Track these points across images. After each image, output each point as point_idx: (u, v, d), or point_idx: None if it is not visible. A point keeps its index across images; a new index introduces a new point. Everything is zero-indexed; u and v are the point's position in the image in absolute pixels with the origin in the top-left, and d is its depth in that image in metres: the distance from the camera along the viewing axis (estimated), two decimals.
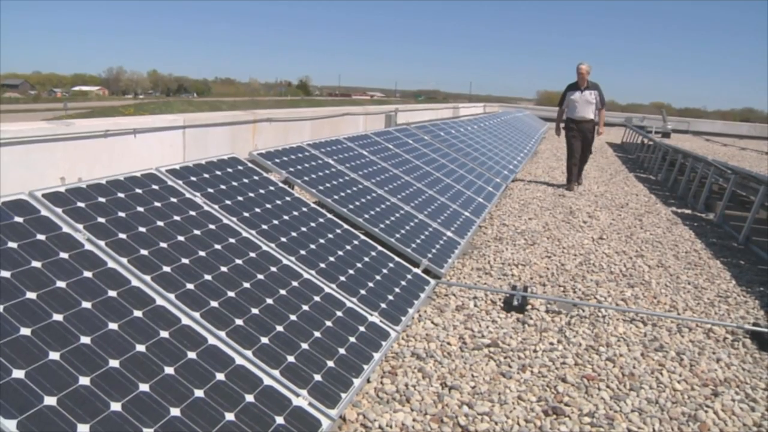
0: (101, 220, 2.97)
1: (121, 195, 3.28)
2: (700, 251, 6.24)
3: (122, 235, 2.95)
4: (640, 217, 7.85)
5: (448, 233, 5.41)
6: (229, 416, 2.27)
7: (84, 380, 2.07)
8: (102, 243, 2.81)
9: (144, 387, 2.18)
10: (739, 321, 4.28)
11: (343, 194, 4.98)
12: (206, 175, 4.04)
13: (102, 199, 3.14)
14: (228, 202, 3.85)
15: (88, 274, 2.57)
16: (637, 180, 11.69)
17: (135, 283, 2.68)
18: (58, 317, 2.27)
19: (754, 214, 6.93)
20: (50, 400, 1.94)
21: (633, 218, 7.77)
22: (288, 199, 4.34)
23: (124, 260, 2.78)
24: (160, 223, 3.22)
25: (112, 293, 2.54)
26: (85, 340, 2.23)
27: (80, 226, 2.83)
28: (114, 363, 2.20)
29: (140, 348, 2.34)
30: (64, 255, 2.60)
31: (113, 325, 2.37)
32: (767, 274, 5.58)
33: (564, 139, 10.34)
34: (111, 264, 2.71)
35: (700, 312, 4.44)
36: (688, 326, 4.13)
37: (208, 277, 3.00)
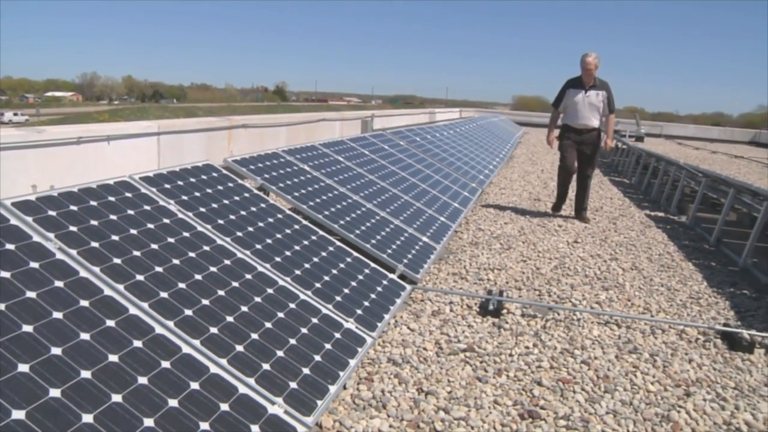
0: (73, 228, 2.94)
1: (93, 203, 3.24)
2: (672, 253, 6.32)
3: (95, 244, 2.92)
4: (615, 221, 7.94)
5: (424, 238, 5.43)
6: (204, 426, 2.25)
7: (54, 392, 2.04)
8: (74, 252, 2.78)
9: (117, 398, 2.15)
10: (710, 322, 4.35)
11: (318, 200, 4.98)
12: (180, 183, 4.01)
13: (74, 208, 3.10)
14: (202, 209, 3.82)
15: (59, 283, 2.54)
16: (612, 183, 11.82)
17: (108, 292, 2.66)
18: (27, 328, 2.23)
19: (724, 217, 7.04)
20: (18, 414, 1.91)
21: (607, 221, 7.85)
22: (263, 205, 4.33)
23: (97, 269, 2.75)
24: (134, 231, 3.19)
25: (84, 303, 2.51)
26: (56, 351, 2.20)
27: (51, 235, 2.80)
28: (86, 374, 2.18)
29: (113, 358, 2.32)
30: (34, 264, 2.57)
31: (85, 336, 2.34)
32: (737, 275, 5.68)
33: (555, 151, 8.81)
34: (83, 273, 2.68)
35: (673, 314, 4.50)
36: (662, 328, 4.18)
37: (182, 285, 2.98)
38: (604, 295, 4.81)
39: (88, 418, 2.02)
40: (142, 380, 2.29)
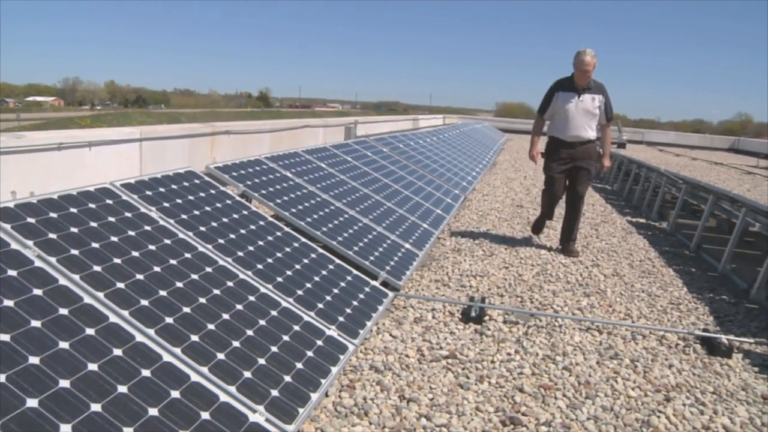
0: (52, 235, 2.92)
1: (73, 210, 3.22)
2: (653, 259, 6.38)
3: (74, 251, 2.90)
4: (596, 227, 8.01)
5: (407, 245, 5.44)
6: None
7: (32, 402, 2.02)
8: (53, 260, 2.75)
9: (96, 407, 2.14)
10: (690, 327, 4.39)
11: (301, 207, 4.97)
12: (162, 189, 3.99)
13: (53, 215, 3.08)
14: (184, 216, 3.81)
15: (38, 291, 2.51)
16: (594, 190, 11.91)
17: (87, 300, 2.64)
18: (4, 338, 2.21)
19: (704, 223, 7.12)
20: None
21: (589, 228, 7.91)
22: (245, 212, 4.32)
23: (76, 277, 2.73)
24: (114, 239, 3.17)
25: (63, 311, 2.49)
26: (34, 360, 2.18)
27: (30, 243, 2.77)
28: (64, 383, 2.16)
29: (92, 367, 2.30)
30: (12, 272, 2.54)
31: (64, 344, 2.32)
32: (716, 281, 5.74)
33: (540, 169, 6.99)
34: (62, 281, 2.66)
35: (653, 319, 4.54)
36: (642, 334, 4.22)
37: (163, 293, 2.97)
38: (585, 301, 4.84)
39: (66, 428, 2.00)
40: (122, 389, 2.28)
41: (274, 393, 2.70)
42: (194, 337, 2.77)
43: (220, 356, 2.75)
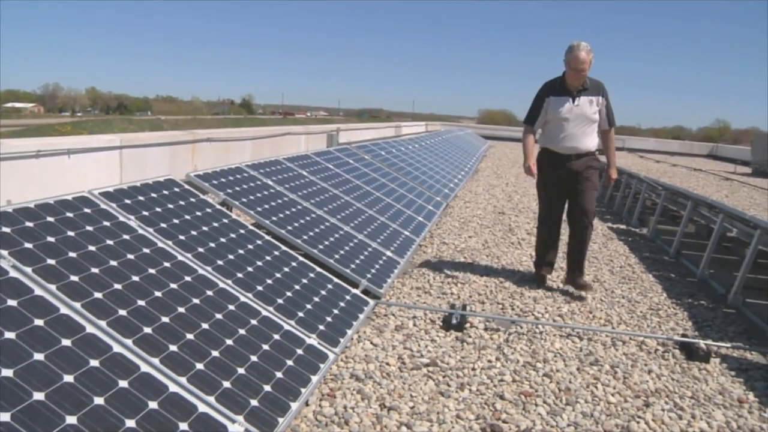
0: (28, 245, 2.88)
1: (50, 219, 3.19)
2: (633, 266, 6.43)
3: (51, 261, 2.87)
4: None
5: (388, 253, 5.44)
6: None
7: (4, 416, 1.99)
8: (28, 270, 2.72)
9: (71, 419, 2.11)
10: (669, 333, 4.43)
11: (281, 215, 4.96)
12: (141, 198, 3.96)
13: (29, 224, 3.04)
14: (163, 225, 3.78)
15: (12, 302, 2.48)
16: None
17: (64, 310, 2.61)
18: None
19: (683, 229, 7.19)
20: None
21: None
22: (225, 221, 4.30)
23: (53, 287, 2.70)
24: (92, 248, 3.14)
25: (39, 322, 2.46)
26: (7, 372, 2.15)
27: (5, 252, 2.74)
28: (39, 395, 2.13)
29: (68, 378, 2.27)
30: None
31: (39, 356, 2.30)
32: (695, 286, 5.80)
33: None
34: (38, 291, 2.63)
35: (633, 325, 4.58)
36: (622, 339, 4.25)
37: (141, 302, 2.94)
38: (566, 307, 4.87)
39: None
40: (99, 401, 2.25)
41: (254, 403, 2.69)
42: (173, 347, 2.75)
43: (199, 366, 2.73)
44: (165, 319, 2.91)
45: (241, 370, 2.85)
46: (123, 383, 2.40)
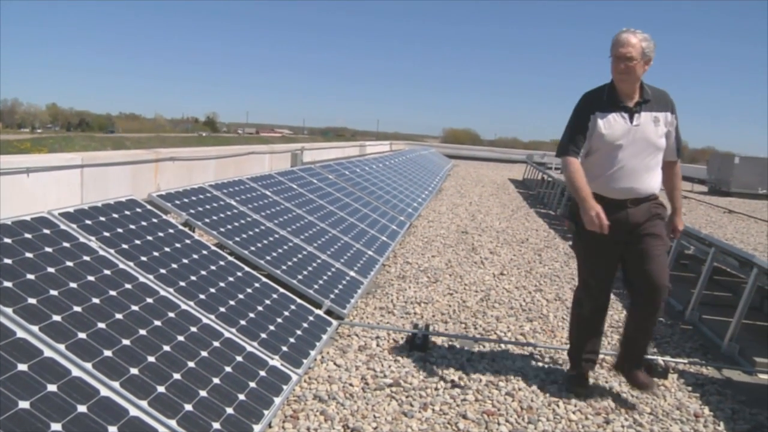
0: None
1: (7, 240, 3.14)
2: None
3: (7, 284, 2.82)
4: (540, 252, 8.17)
5: (351, 273, 5.45)
6: None
7: None
8: None
9: None
10: None
11: (244, 236, 4.95)
12: (102, 218, 3.92)
13: None
14: (125, 246, 3.75)
15: None
16: (538, 215, 12.15)
17: (21, 334, 2.57)
18: None
19: None
20: None
21: (533, 253, 8.07)
22: (188, 242, 4.27)
23: (9, 311, 2.66)
24: (51, 270, 3.10)
25: None
26: None
27: None
28: None
29: (23, 404, 2.23)
30: None
31: None
32: None
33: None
34: None
35: None
36: None
37: (101, 325, 2.91)
38: (528, 326, 4.93)
39: None
40: (56, 427, 2.22)
41: (216, 426, 2.67)
42: (134, 370, 2.73)
43: (161, 389, 2.71)
44: (126, 342, 2.88)
45: (203, 393, 2.83)
46: (82, 408, 2.37)
